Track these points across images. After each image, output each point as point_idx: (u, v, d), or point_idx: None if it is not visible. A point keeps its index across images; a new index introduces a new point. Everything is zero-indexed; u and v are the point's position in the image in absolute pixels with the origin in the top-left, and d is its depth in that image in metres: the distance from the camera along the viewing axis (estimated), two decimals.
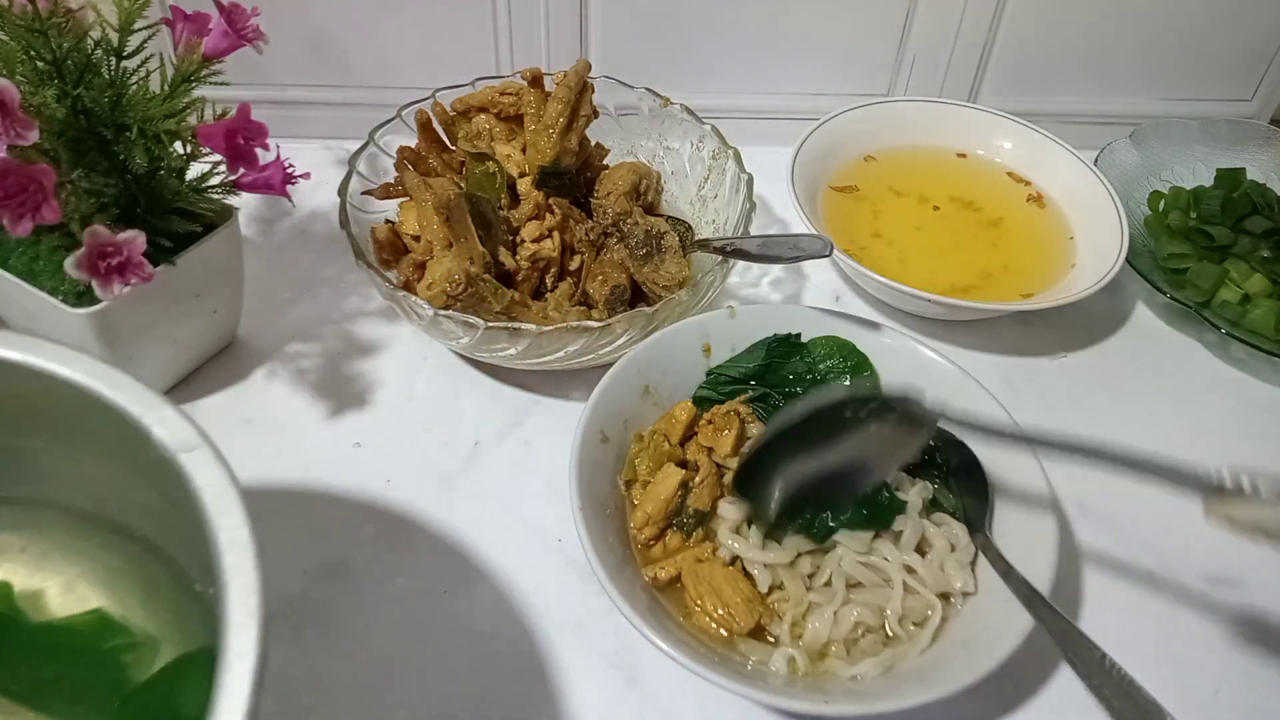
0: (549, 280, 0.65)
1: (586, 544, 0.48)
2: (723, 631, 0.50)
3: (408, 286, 0.63)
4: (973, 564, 0.53)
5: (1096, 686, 0.45)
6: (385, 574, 0.55)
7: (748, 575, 0.52)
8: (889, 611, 0.50)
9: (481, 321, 0.56)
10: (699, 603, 0.51)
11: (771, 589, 0.51)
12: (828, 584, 0.51)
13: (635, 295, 0.65)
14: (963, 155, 0.83)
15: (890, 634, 0.50)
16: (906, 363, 0.60)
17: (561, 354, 0.59)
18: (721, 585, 0.51)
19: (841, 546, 0.52)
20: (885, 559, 0.52)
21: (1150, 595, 0.56)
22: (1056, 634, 0.47)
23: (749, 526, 0.53)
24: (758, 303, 0.72)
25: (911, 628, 0.50)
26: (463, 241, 0.60)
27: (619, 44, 0.81)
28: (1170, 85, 0.87)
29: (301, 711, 0.49)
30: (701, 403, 0.60)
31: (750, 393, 0.59)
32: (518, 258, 0.63)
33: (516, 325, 0.56)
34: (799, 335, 0.61)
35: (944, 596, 0.51)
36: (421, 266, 0.63)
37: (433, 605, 0.54)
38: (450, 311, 0.56)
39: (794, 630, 0.50)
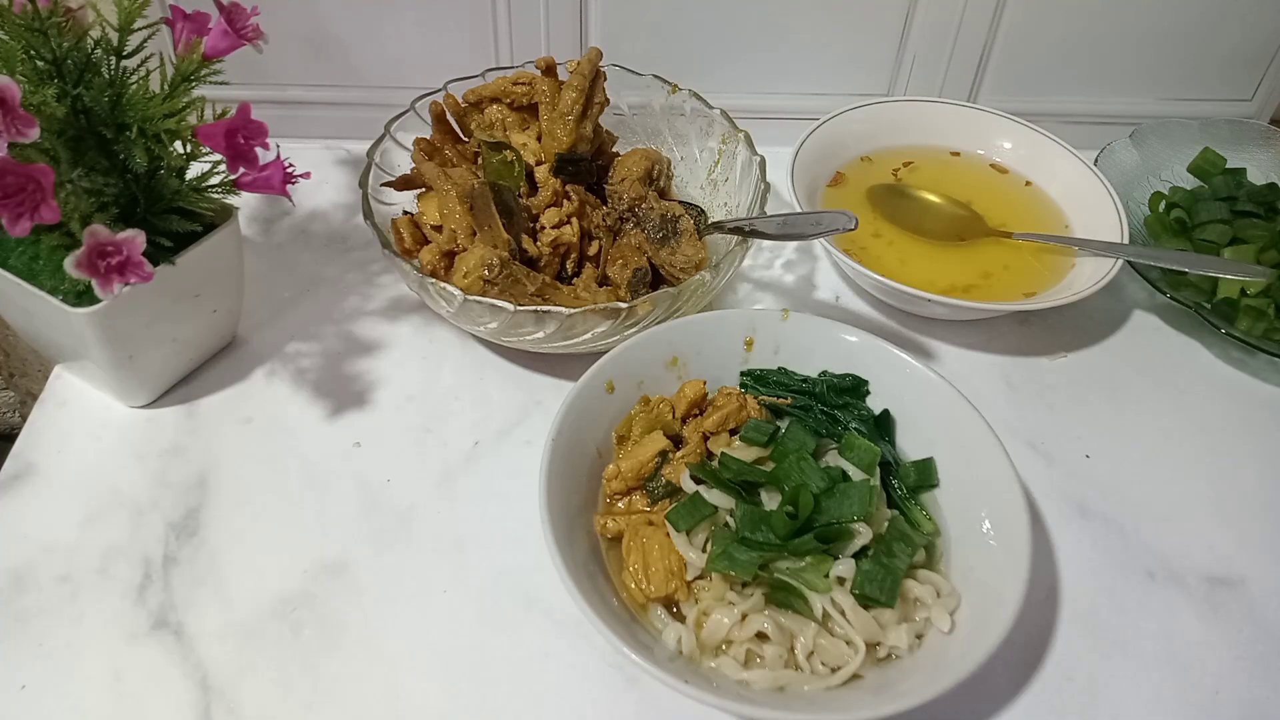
0: (569, 265, 0.66)
1: (543, 472, 0.50)
2: (641, 592, 0.51)
3: (433, 275, 0.63)
4: (954, 612, 0.50)
5: None
6: (385, 574, 0.55)
7: None
8: (801, 641, 0.48)
9: (511, 305, 0.56)
10: (627, 560, 0.52)
11: (699, 577, 0.51)
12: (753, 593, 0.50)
13: (655, 279, 0.66)
14: (962, 155, 0.83)
15: (798, 666, 0.48)
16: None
17: (589, 335, 0.59)
18: (652, 549, 0.52)
19: (784, 561, 0.50)
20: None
21: (1150, 595, 0.56)
22: None
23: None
24: (808, 313, 0.63)
25: (820, 666, 0.48)
26: (486, 229, 0.61)
27: (619, 44, 0.81)
28: (1170, 85, 0.87)
29: (301, 710, 0.49)
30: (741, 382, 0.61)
31: (793, 399, 0.59)
32: (539, 244, 0.64)
33: (546, 308, 0.57)
34: (866, 385, 0.59)
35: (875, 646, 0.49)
36: (448, 255, 0.63)
37: (433, 605, 0.54)
38: (486, 297, 0.57)
39: (700, 617, 0.49)
